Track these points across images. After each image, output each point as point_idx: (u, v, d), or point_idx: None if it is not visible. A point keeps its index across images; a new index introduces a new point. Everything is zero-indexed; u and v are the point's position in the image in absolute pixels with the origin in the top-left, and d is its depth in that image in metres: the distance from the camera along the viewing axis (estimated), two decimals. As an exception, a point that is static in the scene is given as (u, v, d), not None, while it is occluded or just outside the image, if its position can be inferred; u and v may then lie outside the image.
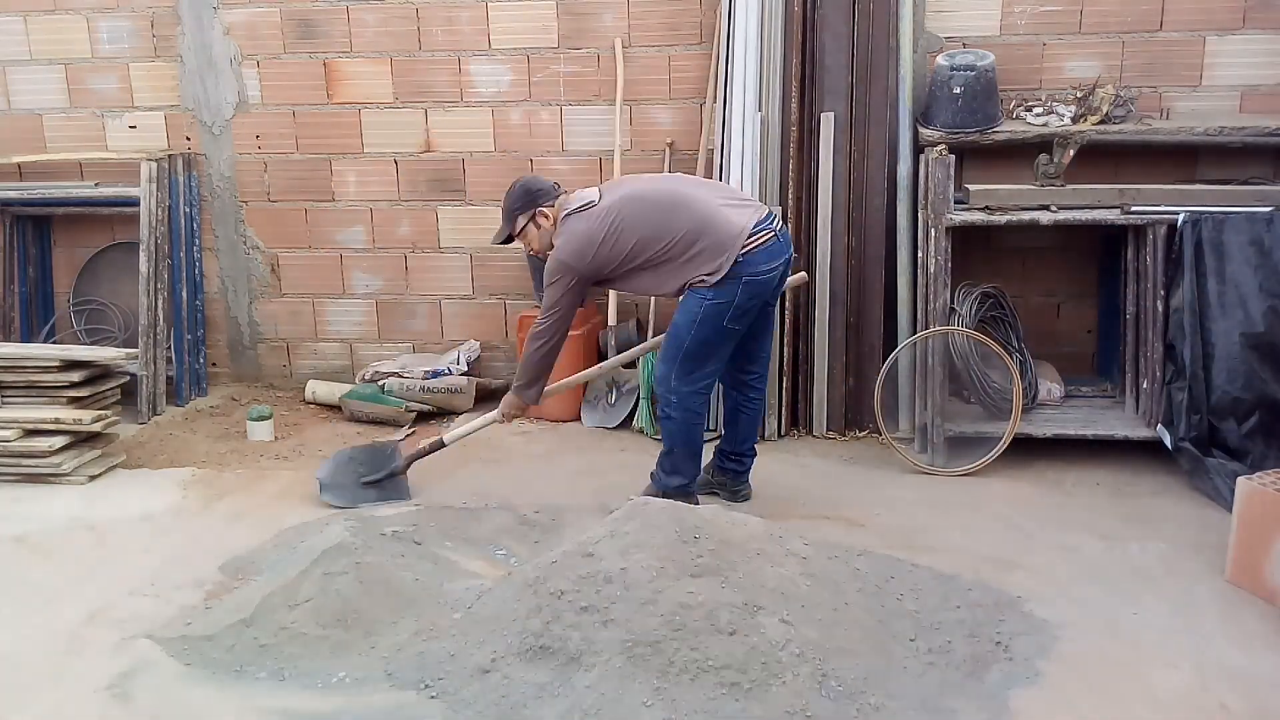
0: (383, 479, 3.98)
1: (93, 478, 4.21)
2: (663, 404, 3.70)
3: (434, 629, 2.88)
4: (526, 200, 3.69)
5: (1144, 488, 3.96)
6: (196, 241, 5.21)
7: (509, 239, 3.78)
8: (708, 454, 3.92)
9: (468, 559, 3.40)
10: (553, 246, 3.65)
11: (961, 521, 3.70)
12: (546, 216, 3.67)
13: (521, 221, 3.71)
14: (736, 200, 3.64)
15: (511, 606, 2.82)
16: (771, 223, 3.56)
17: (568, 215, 3.62)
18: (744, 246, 3.46)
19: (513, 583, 2.96)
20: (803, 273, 4.25)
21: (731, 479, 3.93)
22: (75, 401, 4.23)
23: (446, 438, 4.00)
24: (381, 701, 2.66)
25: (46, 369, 4.19)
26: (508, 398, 3.83)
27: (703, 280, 3.48)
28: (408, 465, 4.01)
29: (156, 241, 4.97)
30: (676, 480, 3.72)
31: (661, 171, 4.77)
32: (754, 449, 3.95)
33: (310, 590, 2.99)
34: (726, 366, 3.75)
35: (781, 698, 2.50)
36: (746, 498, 3.93)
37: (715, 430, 4.55)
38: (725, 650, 2.58)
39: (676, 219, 3.50)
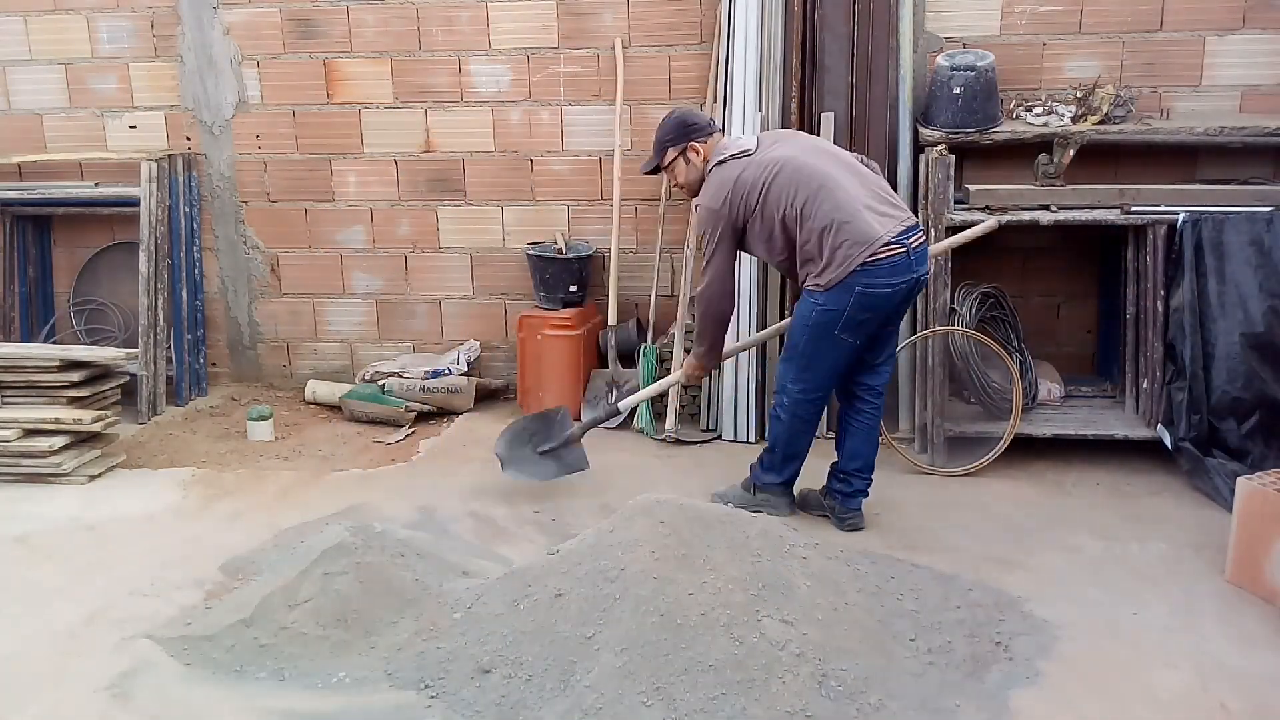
0: (559, 448, 3.96)
1: (93, 478, 4.21)
2: (776, 404, 3.64)
3: (434, 629, 2.88)
4: (680, 132, 3.60)
5: (1144, 488, 3.96)
6: (196, 241, 5.21)
7: (656, 169, 3.69)
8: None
9: (468, 559, 3.40)
10: (700, 187, 3.58)
11: (961, 521, 3.70)
12: (698, 152, 3.58)
13: (672, 154, 3.61)
14: (882, 203, 3.41)
15: (511, 607, 2.82)
16: (908, 237, 3.36)
17: (722, 161, 3.50)
18: (871, 255, 3.29)
19: (512, 582, 2.96)
20: (993, 219, 4.02)
21: (840, 502, 3.65)
22: (75, 401, 4.23)
23: (622, 405, 4.06)
24: (382, 701, 2.65)
25: (46, 369, 4.19)
26: (690, 360, 3.79)
27: (816, 285, 3.38)
28: (583, 432, 3.99)
29: (156, 241, 4.98)
30: (771, 477, 3.70)
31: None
32: (867, 472, 3.66)
33: (310, 590, 2.98)
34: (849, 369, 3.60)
35: (782, 697, 2.49)
36: (856, 527, 3.61)
37: (715, 431, 4.57)
38: (725, 650, 2.57)
39: (818, 206, 3.33)
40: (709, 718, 2.45)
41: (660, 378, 4.65)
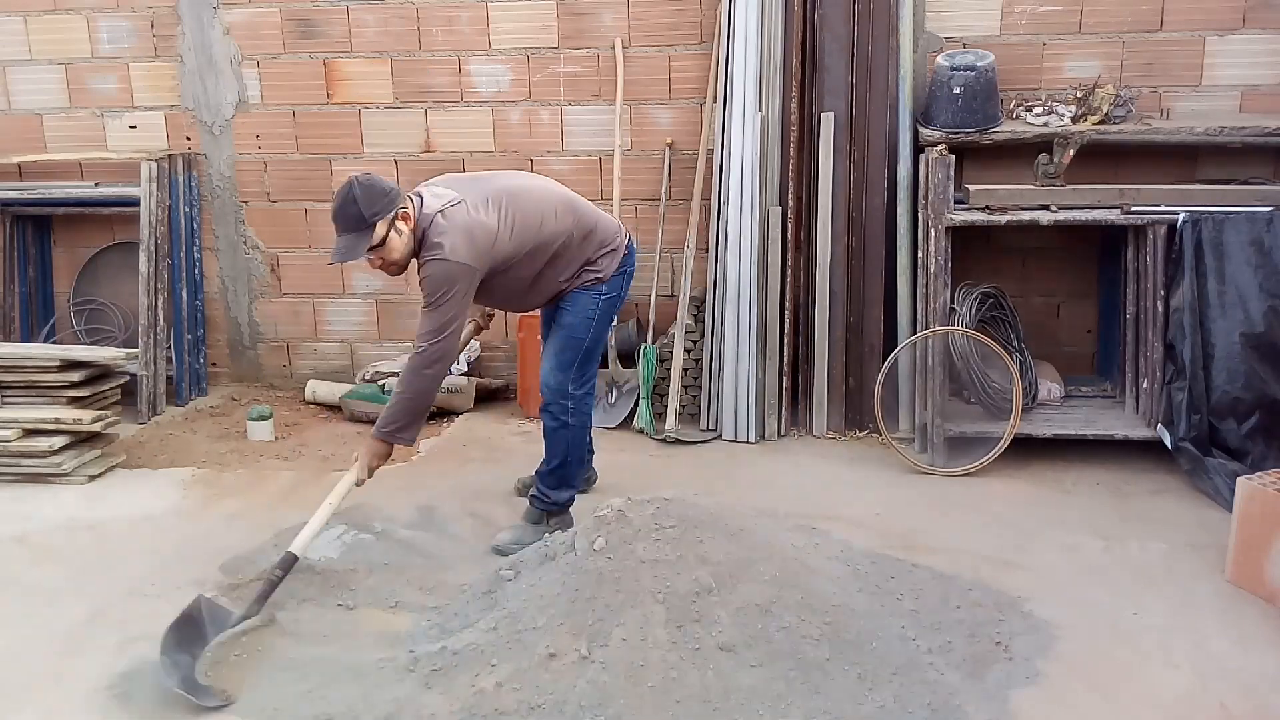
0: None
1: (93, 478, 4.20)
2: (557, 413, 3.48)
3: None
4: (384, 201, 3.08)
5: (1144, 488, 3.96)
6: (196, 241, 5.21)
7: (361, 255, 3.13)
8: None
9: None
10: (416, 255, 3.18)
11: (961, 521, 3.70)
12: (407, 218, 3.15)
13: (383, 229, 3.09)
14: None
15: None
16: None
17: (444, 212, 3.15)
18: (627, 243, 3.55)
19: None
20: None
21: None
22: (75, 401, 4.23)
23: (296, 547, 3.09)
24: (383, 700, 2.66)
25: (46, 369, 4.19)
26: (373, 447, 3.22)
27: (595, 276, 3.45)
28: (260, 607, 2.98)
29: (156, 241, 4.97)
30: (566, 494, 3.58)
31: (665, 169, 4.77)
32: (592, 447, 3.94)
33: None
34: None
35: (786, 698, 2.50)
36: (592, 482, 3.98)
37: (715, 431, 4.57)
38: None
39: (566, 214, 3.38)
40: (714, 707, 2.46)
41: (660, 378, 4.67)
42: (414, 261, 3.23)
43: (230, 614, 2.96)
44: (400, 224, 3.14)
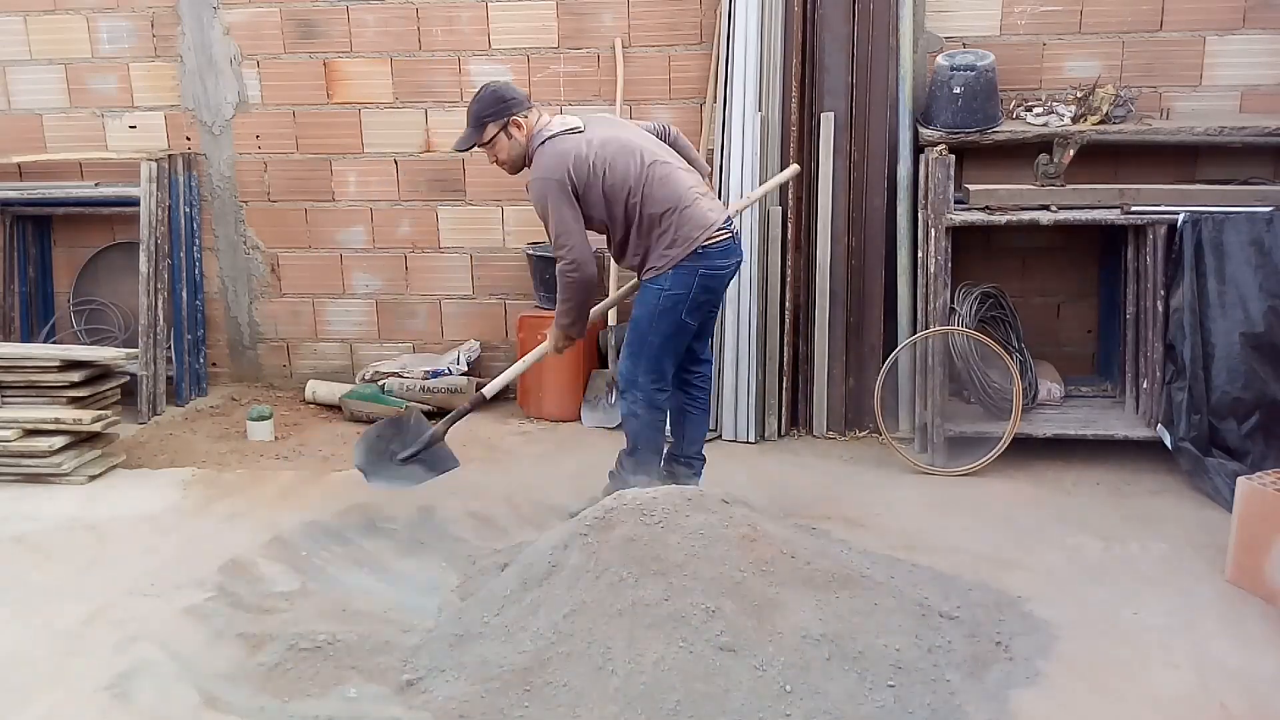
0: (421, 450, 3.72)
1: (93, 478, 4.20)
2: (628, 400, 3.59)
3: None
4: (501, 106, 3.46)
5: (1144, 488, 3.96)
6: (196, 241, 5.21)
7: (472, 147, 3.57)
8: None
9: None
10: (525, 164, 3.48)
11: (961, 521, 3.70)
12: (520, 127, 3.48)
13: (493, 129, 3.49)
14: (707, 193, 3.57)
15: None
16: (730, 224, 3.54)
17: (554, 136, 3.43)
18: (708, 238, 3.43)
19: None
20: (795, 165, 4.30)
21: (690, 481, 3.76)
22: (75, 401, 4.23)
23: (487, 390, 3.77)
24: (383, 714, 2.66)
25: (46, 369, 4.19)
26: (556, 332, 3.60)
27: (655, 268, 3.44)
28: (446, 430, 3.76)
29: (156, 241, 4.97)
30: (641, 480, 3.57)
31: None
32: (703, 454, 3.85)
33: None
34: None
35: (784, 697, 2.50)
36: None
37: (715, 431, 4.57)
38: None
39: (657, 189, 3.41)
40: (714, 707, 2.46)
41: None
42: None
43: (426, 430, 3.72)
44: (512, 129, 3.49)
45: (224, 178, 5.22)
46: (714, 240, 3.44)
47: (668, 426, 3.77)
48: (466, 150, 3.61)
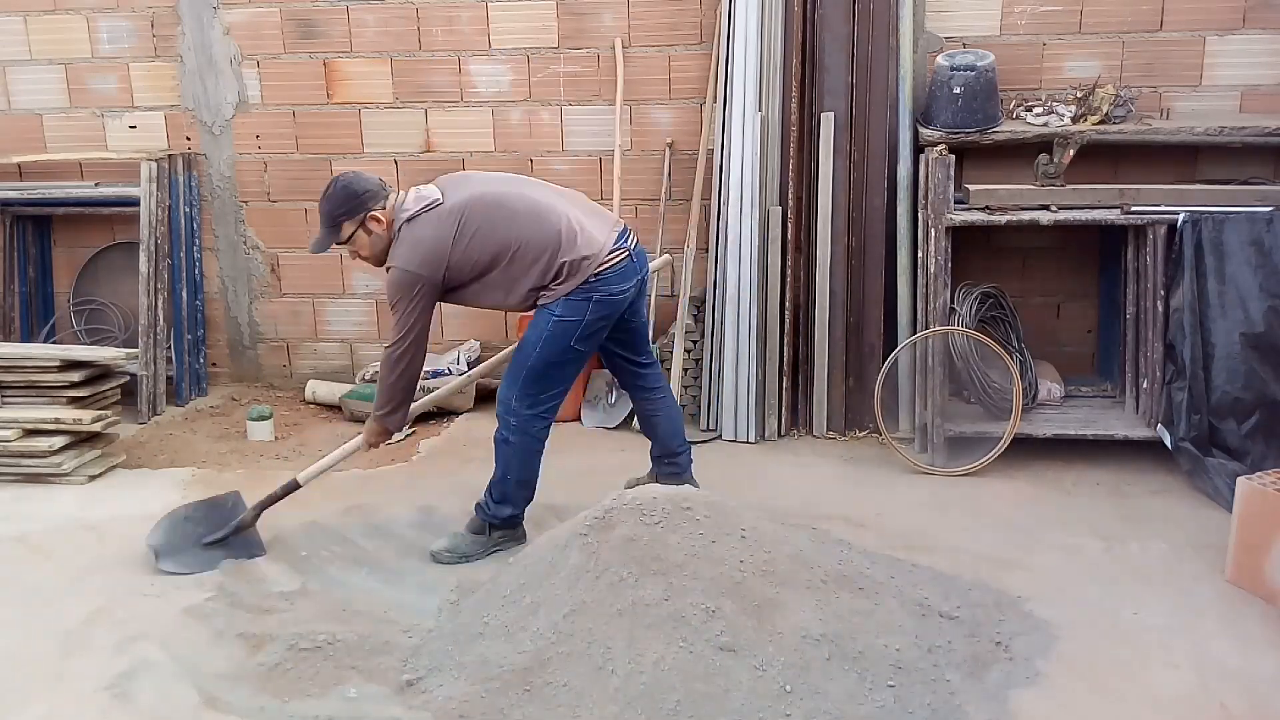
0: (227, 536, 3.50)
1: (93, 478, 4.21)
2: (501, 427, 3.43)
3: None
4: (353, 203, 3.29)
5: (1144, 488, 3.96)
6: (196, 241, 5.21)
7: (329, 247, 3.42)
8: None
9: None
10: (387, 255, 3.32)
11: (961, 521, 3.70)
12: (379, 221, 3.30)
13: (349, 228, 3.32)
14: (591, 213, 3.44)
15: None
16: (626, 240, 3.39)
17: (412, 218, 3.27)
18: (600, 265, 3.29)
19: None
20: (666, 255, 4.34)
21: (677, 478, 3.73)
22: (75, 401, 4.23)
23: (301, 477, 3.59)
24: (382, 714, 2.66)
25: (46, 369, 4.19)
26: (370, 425, 3.50)
27: (550, 293, 3.29)
28: (256, 516, 3.56)
29: (156, 241, 4.97)
30: (507, 510, 3.50)
31: (674, 170, 4.77)
32: (687, 445, 3.78)
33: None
34: (621, 375, 3.72)
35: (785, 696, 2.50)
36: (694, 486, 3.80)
37: (715, 431, 4.57)
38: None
39: (533, 228, 3.27)
40: (714, 707, 2.46)
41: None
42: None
43: (239, 514, 3.55)
44: (371, 224, 3.31)
45: (224, 178, 5.22)
46: (607, 265, 3.31)
47: (639, 427, 3.76)
48: (324, 251, 3.45)
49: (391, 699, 2.68)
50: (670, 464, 3.76)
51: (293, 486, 3.57)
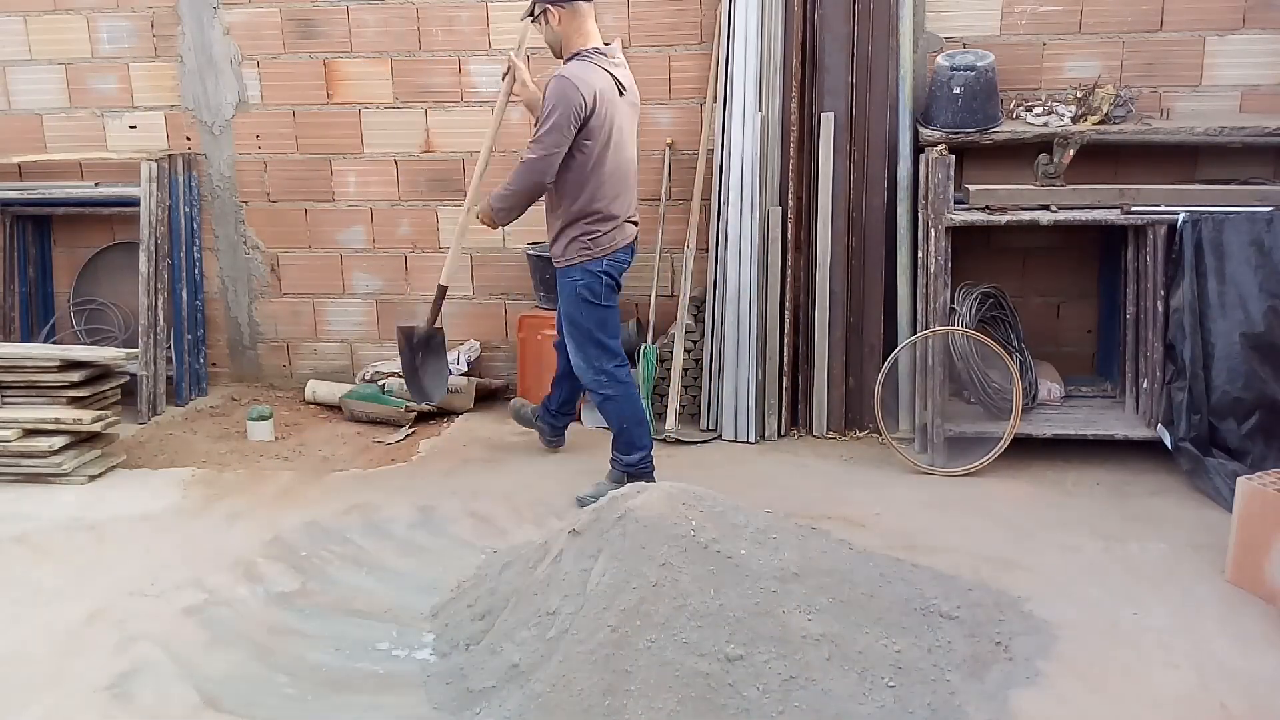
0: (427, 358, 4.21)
1: (93, 478, 4.21)
2: (596, 391, 3.83)
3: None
4: None
5: (1144, 488, 3.96)
6: (196, 241, 5.21)
7: (532, 14, 3.82)
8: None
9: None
10: (559, 50, 3.76)
11: (961, 521, 3.70)
12: (556, 17, 3.73)
13: (538, 9, 3.77)
14: (632, 216, 3.95)
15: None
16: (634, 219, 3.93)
17: (590, 55, 3.70)
18: (620, 246, 3.83)
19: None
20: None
21: (553, 430, 4.33)
22: (75, 401, 4.23)
23: (443, 279, 4.12)
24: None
25: (46, 369, 4.19)
26: (485, 206, 3.86)
27: (567, 260, 3.78)
28: (434, 321, 4.18)
29: (156, 241, 4.97)
30: (638, 454, 3.83)
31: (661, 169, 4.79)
32: (576, 410, 4.36)
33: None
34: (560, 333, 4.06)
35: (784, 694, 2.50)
36: (559, 447, 4.40)
37: (715, 431, 4.56)
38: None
39: (614, 183, 3.81)
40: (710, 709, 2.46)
41: (660, 378, 4.67)
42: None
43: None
44: (549, 17, 3.75)
45: (224, 178, 5.22)
46: (627, 244, 3.89)
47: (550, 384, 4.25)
48: (531, 18, 3.84)
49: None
50: (561, 416, 4.31)
51: (443, 291, 4.12)
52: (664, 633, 2.59)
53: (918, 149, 4.47)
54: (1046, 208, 4.14)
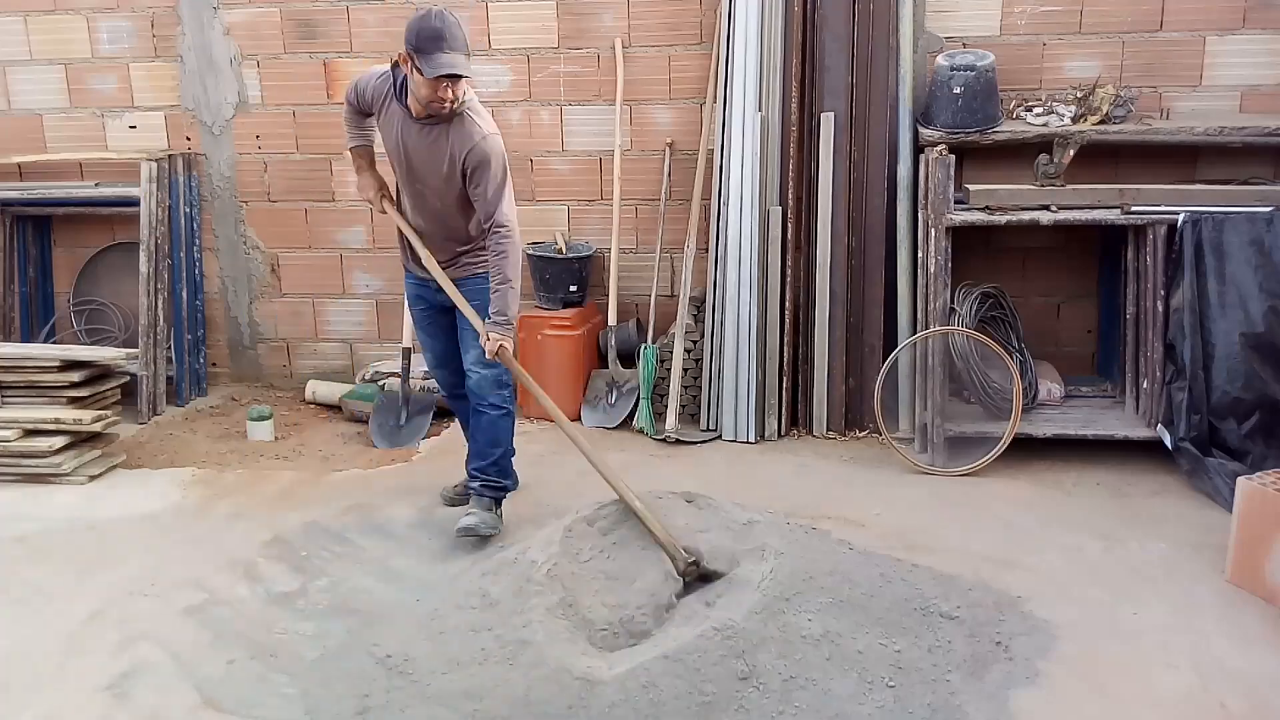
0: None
1: (93, 478, 4.20)
2: (499, 405, 3.56)
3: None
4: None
5: (1144, 488, 3.96)
6: (196, 241, 5.21)
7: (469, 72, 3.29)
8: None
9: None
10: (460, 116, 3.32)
11: (961, 521, 3.70)
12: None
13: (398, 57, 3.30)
14: None
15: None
16: None
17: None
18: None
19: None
20: None
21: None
22: (75, 401, 4.23)
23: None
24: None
25: (46, 369, 4.19)
26: (513, 330, 3.49)
27: (477, 269, 3.53)
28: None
29: (156, 241, 4.97)
30: (512, 481, 3.67)
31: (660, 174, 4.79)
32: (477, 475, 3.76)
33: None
34: (455, 369, 3.70)
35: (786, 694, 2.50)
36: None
37: (715, 431, 4.57)
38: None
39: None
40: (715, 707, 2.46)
41: (660, 378, 4.67)
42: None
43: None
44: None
45: (224, 178, 5.22)
46: None
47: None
48: (467, 75, 3.25)
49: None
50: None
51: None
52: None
53: (918, 149, 4.47)
54: (1046, 208, 4.14)
